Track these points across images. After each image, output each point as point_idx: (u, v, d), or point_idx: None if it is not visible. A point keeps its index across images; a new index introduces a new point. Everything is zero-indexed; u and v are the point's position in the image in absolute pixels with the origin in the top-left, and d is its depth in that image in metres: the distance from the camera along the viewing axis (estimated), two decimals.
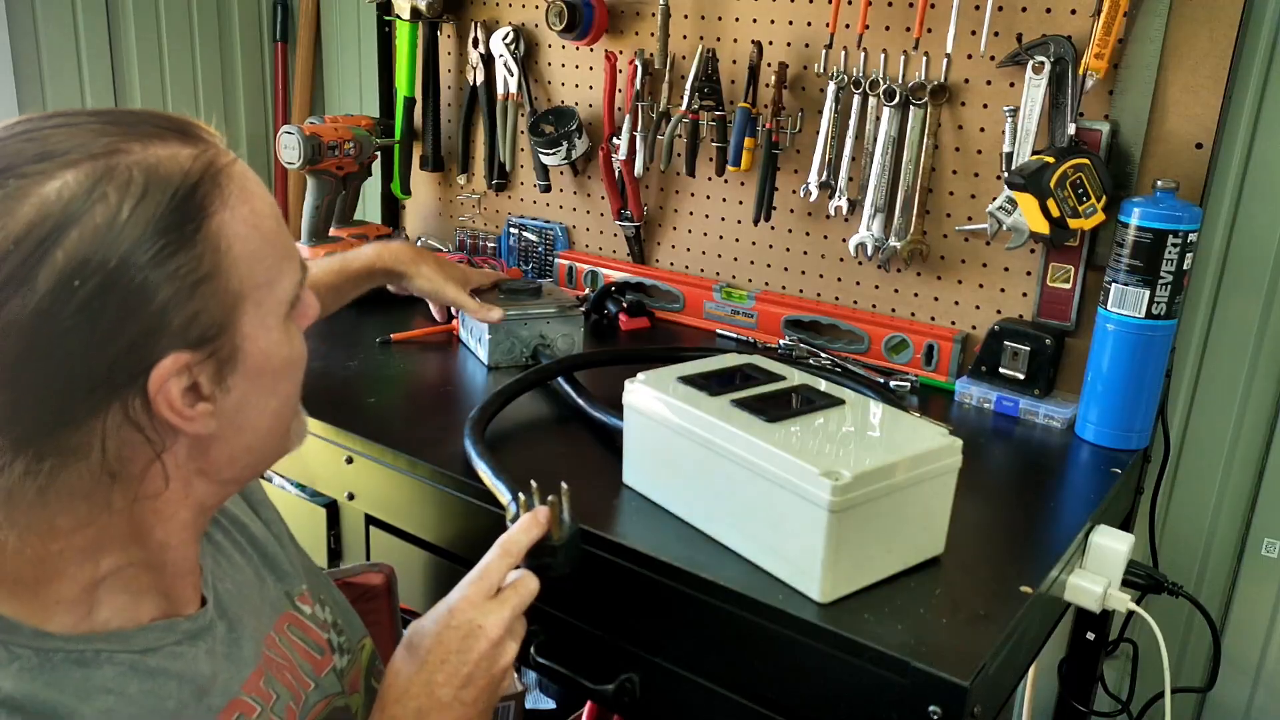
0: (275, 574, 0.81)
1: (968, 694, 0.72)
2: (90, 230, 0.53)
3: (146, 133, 0.58)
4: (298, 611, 0.81)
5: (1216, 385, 1.31)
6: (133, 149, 0.56)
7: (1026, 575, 0.87)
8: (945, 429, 0.87)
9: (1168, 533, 1.37)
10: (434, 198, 1.90)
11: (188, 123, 0.61)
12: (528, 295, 1.36)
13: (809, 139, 1.42)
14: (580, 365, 1.24)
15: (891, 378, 1.34)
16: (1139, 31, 1.18)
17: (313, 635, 0.80)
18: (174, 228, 0.56)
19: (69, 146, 0.55)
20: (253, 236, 0.61)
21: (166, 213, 0.56)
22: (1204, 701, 1.42)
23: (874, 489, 0.79)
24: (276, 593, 0.80)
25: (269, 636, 0.76)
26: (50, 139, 0.55)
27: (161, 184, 0.56)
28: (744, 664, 0.85)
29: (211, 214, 0.58)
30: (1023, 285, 1.32)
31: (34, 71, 1.83)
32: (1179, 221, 1.10)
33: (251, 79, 2.18)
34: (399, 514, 1.11)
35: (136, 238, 0.54)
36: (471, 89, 1.75)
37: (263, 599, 0.78)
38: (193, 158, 0.59)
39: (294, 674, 0.76)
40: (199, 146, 0.60)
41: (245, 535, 0.81)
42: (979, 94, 1.30)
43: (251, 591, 0.77)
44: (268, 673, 0.73)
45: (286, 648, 0.77)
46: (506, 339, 1.32)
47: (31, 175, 0.53)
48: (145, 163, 0.56)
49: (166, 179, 0.56)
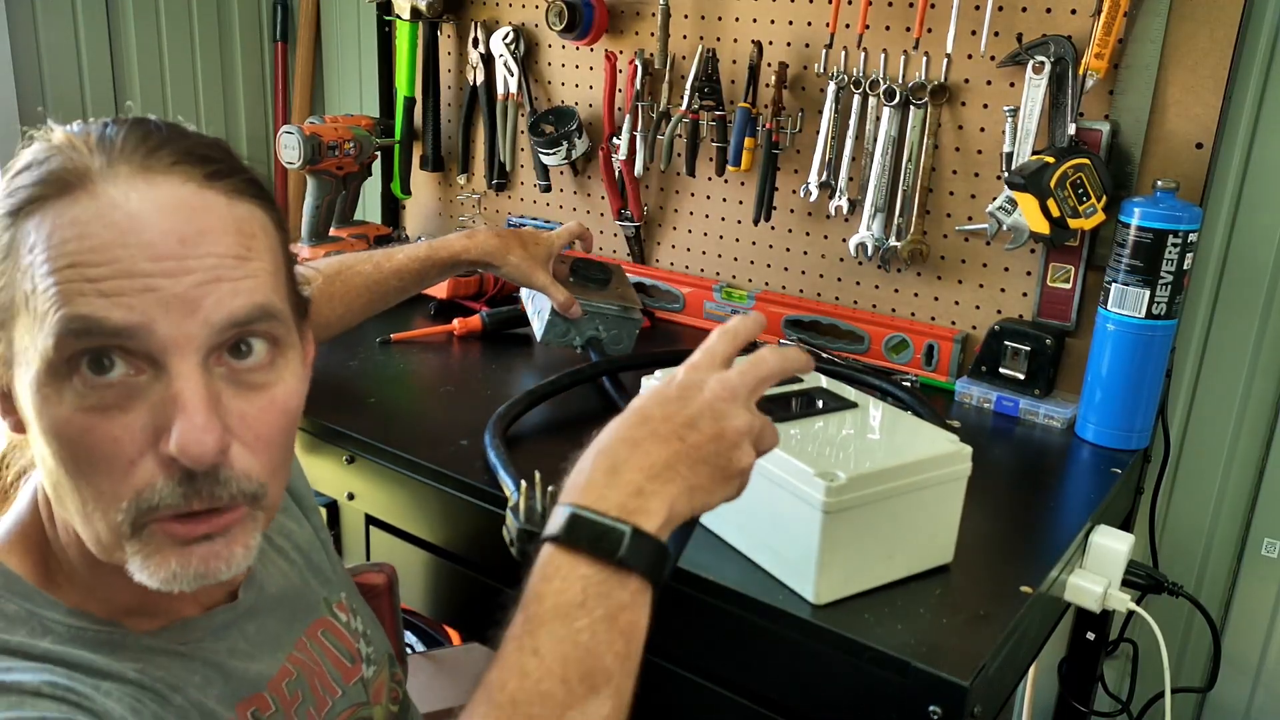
0: (318, 579, 0.82)
1: (968, 694, 0.72)
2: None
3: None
4: (334, 618, 0.81)
5: (1216, 385, 1.31)
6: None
7: (1026, 575, 0.87)
8: (954, 435, 0.86)
9: (1168, 533, 1.37)
10: (434, 198, 1.91)
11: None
12: (595, 285, 1.35)
13: (809, 139, 1.42)
14: (610, 371, 1.24)
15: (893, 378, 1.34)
16: (1139, 31, 1.18)
17: (345, 643, 0.80)
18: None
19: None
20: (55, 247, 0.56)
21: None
22: (1204, 701, 1.42)
23: (872, 492, 0.79)
24: (316, 598, 0.80)
25: (300, 640, 0.76)
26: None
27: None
28: (744, 664, 0.85)
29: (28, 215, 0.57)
30: (1023, 285, 1.32)
31: (34, 71, 1.83)
32: (1179, 221, 1.10)
33: (251, 79, 2.18)
34: (399, 514, 1.11)
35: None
36: (471, 89, 1.75)
37: (301, 603, 0.78)
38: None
39: (322, 680, 0.75)
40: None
41: (292, 542, 0.81)
42: (979, 94, 1.30)
43: (293, 595, 0.78)
44: (298, 674, 0.73)
45: (318, 652, 0.77)
46: (563, 323, 1.31)
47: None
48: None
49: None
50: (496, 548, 0.87)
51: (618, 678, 0.57)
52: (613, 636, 0.57)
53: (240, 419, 0.58)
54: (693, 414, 0.64)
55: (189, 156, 0.59)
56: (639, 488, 0.61)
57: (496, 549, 0.87)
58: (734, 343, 0.69)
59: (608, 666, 0.57)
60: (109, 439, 0.55)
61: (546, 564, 0.59)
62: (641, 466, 0.62)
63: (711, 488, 0.63)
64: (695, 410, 0.64)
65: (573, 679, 0.55)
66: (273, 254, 0.62)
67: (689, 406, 0.64)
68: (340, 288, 1.16)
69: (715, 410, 0.64)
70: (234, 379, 0.58)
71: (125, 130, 0.59)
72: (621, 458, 0.62)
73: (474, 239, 1.24)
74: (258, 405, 0.59)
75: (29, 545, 0.63)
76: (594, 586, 0.58)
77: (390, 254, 1.20)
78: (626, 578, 0.59)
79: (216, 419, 0.56)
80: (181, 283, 0.55)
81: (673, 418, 0.63)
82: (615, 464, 0.62)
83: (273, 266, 0.61)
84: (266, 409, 0.60)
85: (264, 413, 0.60)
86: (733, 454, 0.64)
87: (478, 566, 1.06)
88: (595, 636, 0.57)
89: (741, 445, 0.64)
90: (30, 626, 0.59)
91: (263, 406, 0.60)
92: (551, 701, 0.55)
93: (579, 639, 0.57)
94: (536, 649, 0.56)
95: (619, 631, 0.58)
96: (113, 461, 0.55)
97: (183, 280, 0.55)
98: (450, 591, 1.12)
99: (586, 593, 0.58)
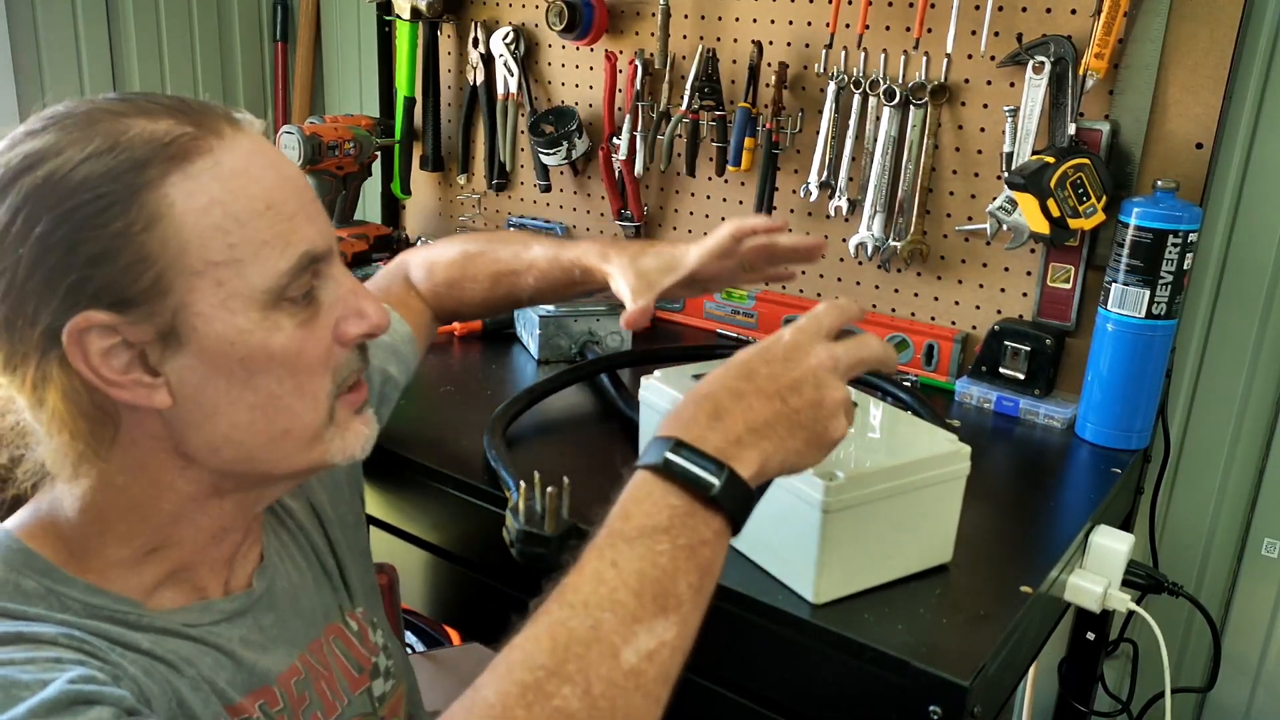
0: (330, 585, 0.83)
1: (968, 694, 0.72)
2: (42, 177, 0.58)
3: (147, 109, 0.61)
4: (345, 626, 0.82)
5: (1216, 385, 1.31)
6: (119, 120, 0.60)
7: (1027, 575, 0.87)
8: (954, 435, 0.86)
9: (1168, 533, 1.37)
10: (434, 198, 1.91)
11: (201, 107, 0.64)
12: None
13: (809, 139, 1.42)
14: (609, 368, 1.24)
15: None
16: (1139, 31, 1.18)
17: (355, 652, 0.81)
18: (114, 189, 0.58)
19: (69, 113, 0.61)
20: (213, 211, 0.61)
21: (110, 174, 0.58)
22: (1204, 701, 1.42)
23: (871, 491, 0.79)
24: (330, 604, 0.82)
25: (316, 642, 0.77)
26: (70, 109, 0.62)
27: (118, 149, 0.59)
28: (744, 664, 0.85)
29: (158, 182, 0.59)
30: (1023, 285, 1.32)
31: (34, 71, 1.84)
32: (1179, 221, 1.10)
33: (251, 79, 2.18)
34: (399, 514, 1.11)
35: (73, 190, 0.58)
36: (471, 89, 1.75)
37: (316, 606, 0.80)
38: (166, 132, 0.60)
39: (330, 685, 0.76)
40: (187, 126, 0.61)
41: (310, 543, 0.83)
42: (979, 94, 1.30)
43: (306, 596, 0.79)
44: (306, 674, 0.74)
45: (329, 657, 0.78)
46: (556, 334, 1.32)
47: (35, 132, 0.61)
48: (115, 130, 0.60)
49: (125, 145, 0.59)
50: (496, 548, 0.87)
51: (687, 607, 0.58)
52: (690, 567, 0.59)
53: None
54: (797, 377, 0.65)
55: (247, 119, 0.67)
56: (738, 436, 0.62)
57: (496, 549, 0.87)
58: (840, 318, 0.70)
59: (680, 593, 0.58)
60: (318, 342, 0.66)
61: (638, 487, 0.61)
62: (744, 417, 0.63)
63: (804, 451, 0.65)
64: (800, 374, 0.65)
65: (646, 595, 0.56)
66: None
67: (794, 369, 0.65)
68: (479, 267, 1.08)
69: (819, 378, 0.65)
70: None
71: (183, 100, 0.64)
72: (725, 406, 0.63)
73: (587, 249, 1.06)
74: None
75: (48, 530, 0.65)
76: (681, 517, 0.59)
77: (528, 241, 1.09)
78: (712, 516, 0.60)
79: None
80: (309, 208, 0.66)
81: (778, 377, 0.65)
82: (718, 409, 0.63)
83: None
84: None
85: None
86: (830, 423, 0.65)
87: (478, 566, 1.06)
88: (675, 562, 0.58)
89: (838, 415, 0.66)
90: (48, 602, 0.62)
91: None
92: (622, 611, 0.56)
93: (658, 560, 0.58)
94: (615, 561, 0.57)
95: (696, 564, 0.59)
96: (323, 359, 0.67)
97: (308, 207, 0.66)
98: (450, 591, 1.12)
99: (673, 520, 0.59)
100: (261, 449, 0.66)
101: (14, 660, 0.55)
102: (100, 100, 0.62)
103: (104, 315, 0.59)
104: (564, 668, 0.53)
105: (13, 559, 0.63)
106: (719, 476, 0.60)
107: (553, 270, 1.04)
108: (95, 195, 0.58)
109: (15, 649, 0.56)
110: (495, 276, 1.05)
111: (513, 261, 1.05)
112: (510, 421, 1.08)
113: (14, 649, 0.56)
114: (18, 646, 0.57)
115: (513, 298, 1.07)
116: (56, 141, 0.59)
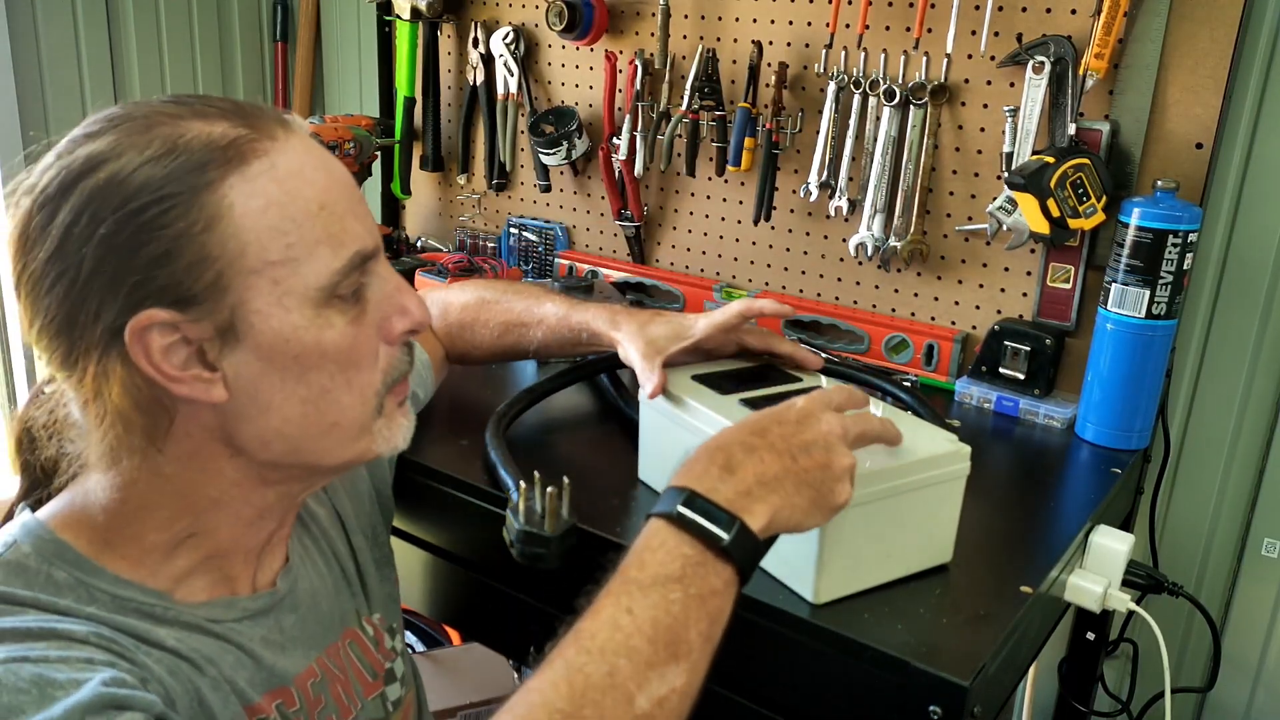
0: (350, 590, 0.84)
1: (968, 694, 0.72)
2: (104, 179, 0.60)
3: (203, 112, 0.63)
4: (362, 630, 0.83)
5: (1216, 385, 1.31)
6: (176, 123, 0.62)
7: (1027, 575, 0.87)
8: (954, 435, 0.86)
9: (1168, 533, 1.37)
10: (434, 198, 1.91)
11: (254, 110, 0.66)
12: (580, 292, 1.36)
13: (809, 139, 1.42)
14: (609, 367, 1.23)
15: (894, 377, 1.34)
16: (1139, 31, 1.18)
17: (370, 657, 0.82)
18: (175, 191, 0.60)
19: (127, 115, 0.63)
20: (270, 212, 0.62)
21: (171, 176, 0.60)
22: (1204, 701, 1.42)
23: (871, 491, 0.79)
24: (348, 608, 0.83)
25: (334, 645, 0.78)
26: (127, 112, 0.63)
27: (176, 151, 0.61)
28: (744, 664, 0.85)
29: (217, 184, 0.61)
30: (1023, 285, 1.32)
31: (34, 71, 1.83)
32: (1179, 221, 1.10)
33: (251, 79, 2.18)
34: (399, 514, 1.11)
35: (135, 192, 0.59)
36: (471, 89, 1.75)
37: (334, 610, 0.81)
38: (223, 135, 0.62)
39: (346, 689, 0.77)
40: (242, 129, 0.63)
41: (331, 548, 0.84)
42: (979, 94, 1.30)
43: (326, 599, 0.80)
44: (323, 677, 0.75)
45: (345, 661, 0.79)
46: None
47: (94, 134, 0.62)
48: (173, 133, 0.61)
49: (184, 148, 0.61)
50: (496, 548, 0.87)
51: (696, 654, 0.61)
52: (700, 615, 0.61)
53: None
54: (808, 439, 0.69)
55: (296, 120, 0.69)
56: (749, 489, 0.66)
57: (496, 549, 0.87)
58: (849, 399, 0.76)
59: (691, 640, 0.60)
60: (367, 337, 0.68)
61: (652, 536, 0.64)
62: (755, 472, 0.66)
63: (809, 510, 0.68)
64: (811, 437, 0.69)
65: (659, 642, 0.59)
66: None
67: (805, 432, 0.69)
68: (492, 314, 1.11)
69: (829, 442, 0.69)
70: None
71: (236, 103, 0.66)
72: (738, 460, 0.67)
73: (595, 317, 1.07)
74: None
75: (80, 520, 0.66)
76: (693, 566, 0.62)
77: (541, 297, 1.11)
78: (723, 566, 0.63)
79: None
80: (357, 208, 0.68)
81: (789, 437, 0.68)
82: (730, 462, 0.66)
83: None
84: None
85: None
86: (836, 486, 0.69)
87: (478, 566, 1.06)
88: (686, 610, 0.61)
89: (844, 480, 0.69)
90: (77, 593, 0.63)
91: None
92: (637, 657, 0.58)
93: (671, 608, 0.60)
94: (631, 608, 0.60)
95: (706, 612, 0.62)
96: (371, 354, 0.68)
97: (357, 207, 0.68)
98: (450, 591, 1.12)
99: (685, 569, 0.62)
100: (310, 440, 0.68)
101: (47, 658, 0.56)
102: (156, 103, 0.64)
103: (165, 313, 0.60)
104: (581, 712, 0.55)
105: (45, 549, 0.64)
106: (730, 528, 0.63)
107: (560, 328, 1.07)
108: (157, 197, 0.59)
109: (48, 645, 0.57)
110: (506, 325, 1.09)
111: (524, 314, 1.08)
112: (510, 421, 1.08)
113: (47, 645, 0.57)
114: (50, 643, 0.58)
115: (520, 349, 1.10)
116: (116, 144, 0.61)
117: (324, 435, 0.68)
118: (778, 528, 0.67)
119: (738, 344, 1.03)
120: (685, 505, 0.64)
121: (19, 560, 0.63)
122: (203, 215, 0.60)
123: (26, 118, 1.83)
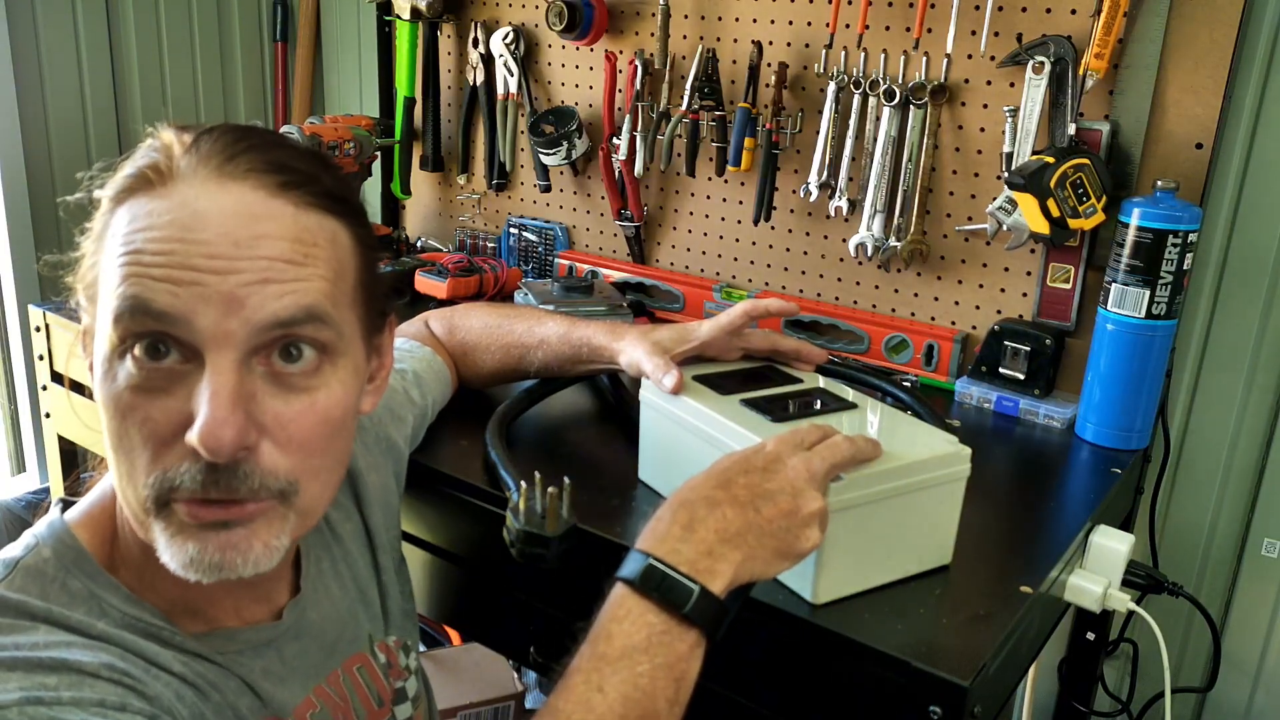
0: (368, 614, 0.83)
1: (968, 694, 0.72)
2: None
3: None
4: (373, 656, 0.81)
5: (1216, 385, 1.31)
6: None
7: (1027, 575, 0.87)
8: (954, 436, 0.86)
9: (1168, 533, 1.37)
10: (434, 198, 1.91)
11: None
12: (580, 293, 1.37)
13: (809, 139, 1.42)
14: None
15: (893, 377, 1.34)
16: (1139, 31, 1.18)
17: (378, 683, 0.81)
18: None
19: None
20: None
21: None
22: (1204, 701, 1.42)
23: (871, 492, 0.79)
24: (361, 632, 0.81)
25: (335, 673, 0.77)
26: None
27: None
28: (744, 664, 0.85)
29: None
30: (1023, 285, 1.32)
31: (34, 71, 1.84)
32: (1179, 221, 1.10)
33: (251, 79, 2.18)
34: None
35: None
36: (471, 89, 1.75)
37: (345, 634, 0.79)
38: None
39: (347, 717, 0.76)
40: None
41: (353, 572, 0.82)
42: (979, 94, 1.30)
43: (337, 625, 0.78)
44: (322, 707, 0.74)
45: (349, 688, 0.77)
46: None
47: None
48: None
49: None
50: (496, 548, 0.87)
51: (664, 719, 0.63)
52: (667, 683, 0.64)
53: (275, 418, 0.60)
54: (772, 489, 0.69)
55: (267, 165, 0.61)
56: (710, 548, 0.66)
57: (496, 549, 0.87)
58: (820, 436, 0.76)
59: (659, 710, 0.63)
60: (147, 418, 0.58)
61: (618, 605, 0.66)
62: (716, 528, 0.67)
63: (771, 560, 0.69)
64: (775, 485, 0.70)
65: (630, 718, 0.62)
66: (337, 264, 0.64)
67: (770, 480, 0.70)
68: (494, 339, 1.13)
69: (796, 488, 0.70)
70: (276, 379, 0.60)
71: (217, 136, 0.62)
72: (699, 516, 0.68)
73: (596, 333, 1.08)
74: (295, 408, 0.61)
75: (100, 523, 0.66)
76: (658, 635, 0.64)
77: (542, 318, 1.12)
78: (687, 631, 0.65)
79: (240, 415, 0.58)
80: (228, 281, 0.58)
81: (754, 487, 0.69)
82: (692, 520, 0.68)
83: (333, 275, 0.63)
84: (304, 412, 0.61)
85: (301, 415, 0.61)
86: (801, 532, 0.70)
87: (478, 566, 1.06)
88: (654, 681, 0.63)
89: (811, 526, 0.70)
90: (89, 606, 0.62)
91: (300, 410, 0.61)
92: None
93: (639, 682, 0.63)
94: (601, 686, 0.62)
95: (673, 679, 0.64)
96: (148, 440, 0.58)
97: (229, 279, 0.58)
98: (450, 591, 1.12)
99: (650, 639, 0.64)
100: (129, 508, 0.62)
101: (60, 700, 0.55)
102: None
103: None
104: None
105: (64, 554, 0.64)
106: (690, 595, 0.65)
107: (561, 346, 1.08)
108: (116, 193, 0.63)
109: (60, 680, 0.56)
110: (507, 348, 1.11)
111: (525, 336, 1.10)
112: (510, 421, 1.08)
113: (59, 680, 0.56)
114: (62, 677, 0.56)
115: (520, 370, 1.12)
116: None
117: (122, 486, 0.61)
118: (743, 580, 0.68)
119: (742, 349, 1.03)
120: (647, 573, 0.65)
121: (38, 566, 0.63)
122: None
123: (26, 118, 1.83)
